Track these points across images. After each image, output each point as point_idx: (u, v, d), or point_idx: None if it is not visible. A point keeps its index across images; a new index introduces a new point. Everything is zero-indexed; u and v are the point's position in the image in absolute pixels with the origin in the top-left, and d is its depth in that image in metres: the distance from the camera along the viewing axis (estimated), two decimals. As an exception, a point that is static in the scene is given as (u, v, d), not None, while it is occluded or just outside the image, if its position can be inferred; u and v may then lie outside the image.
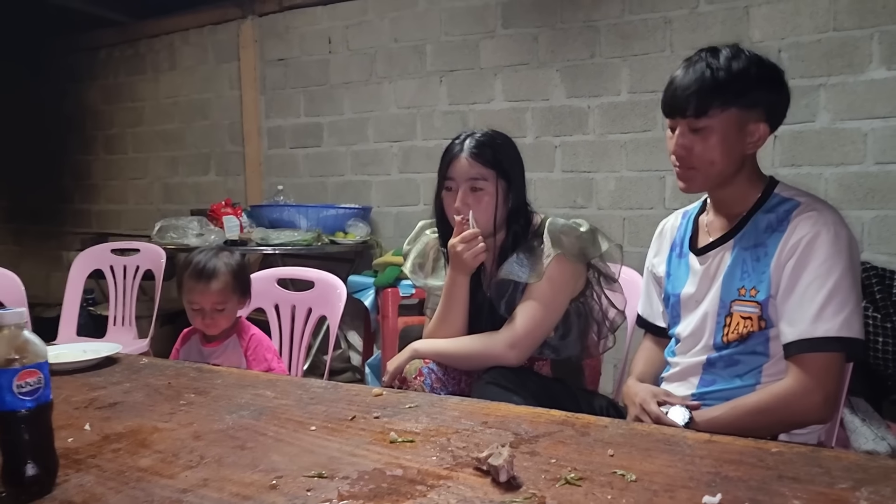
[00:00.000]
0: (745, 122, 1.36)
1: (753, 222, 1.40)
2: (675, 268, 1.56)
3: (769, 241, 1.35)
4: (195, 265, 1.86)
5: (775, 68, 1.38)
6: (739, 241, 1.40)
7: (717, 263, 1.44)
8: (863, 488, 0.88)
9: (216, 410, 1.29)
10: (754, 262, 1.37)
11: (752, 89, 1.34)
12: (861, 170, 2.90)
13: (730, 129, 1.35)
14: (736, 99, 1.33)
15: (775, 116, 1.39)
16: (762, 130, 1.37)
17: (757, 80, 1.34)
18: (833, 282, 1.27)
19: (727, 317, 1.39)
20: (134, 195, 5.22)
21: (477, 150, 1.66)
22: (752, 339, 1.36)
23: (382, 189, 4.15)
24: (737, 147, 1.37)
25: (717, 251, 1.44)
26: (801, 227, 1.31)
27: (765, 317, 1.35)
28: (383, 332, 3.31)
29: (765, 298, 1.34)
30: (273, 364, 1.86)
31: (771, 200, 1.40)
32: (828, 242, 1.29)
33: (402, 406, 1.29)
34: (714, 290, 1.42)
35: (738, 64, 1.34)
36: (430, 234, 1.83)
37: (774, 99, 1.38)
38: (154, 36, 4.99)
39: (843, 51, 2.91)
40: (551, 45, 3.57)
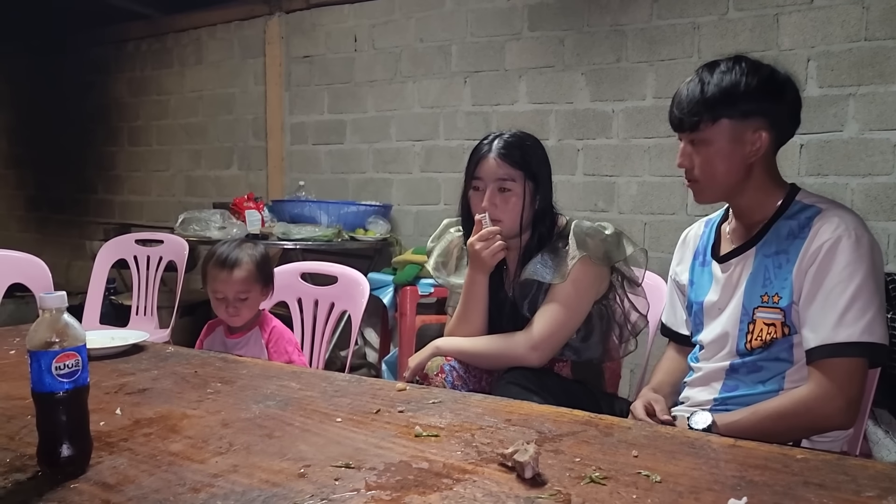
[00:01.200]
0: (741, 132, 1.37)
1: (775, 229, 1.40)
2: (699, 276, 1.56)
3: (791, 248, 1.36)
4: (219, 255, 1.88)
5: (773, 77, 1.39)
6: (761, 249, 1.41)
7: (739, 271, 1.44)
8: (889, 497, 0.87)
9: (243, 399, 1.31)
10: (776, 269, 1.37)
11: (742, 100, 1.36)
12: (889, 181, 2.88)
13: (724, 141, 1.38)
14: (725, 111, 1.36)
15: (780, 124, 1.40)
16: (763, 139, 1.38)
17: (748, 91, 1.36)
18: (855, 286, 1.27)
19: (750, 323, 1.39)
20: (157, 187, 5.27)
21: (505, 150, 1.67)
22: (775, 345, 1.36)
23: (403, 187, 4.16)
24: (735, 157, 1.39)
25: (739, 258, 1.45)
26: (822, 233, 1.32)
27: (788, 323, 1.35)
28: (401, 330, 3.33)
29: (788, 304, 1.34)
30: (294, 357, 1.88)
31: (792, 207, 1.41)
32: (849, 247, 1.29)
33: (426, 401, 1.30)
34: (737, 297, 1.42)
35: (731, 77, 1.37)
36: (454, 232, 1.84)
37: (773, 106, 1.39)
38: (181, 30, 5.04)
39: (874, 60, 2.89)
40: (577, 49, 3.57)
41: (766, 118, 1.38)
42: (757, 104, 1.37)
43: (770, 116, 1.38)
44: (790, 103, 1.41)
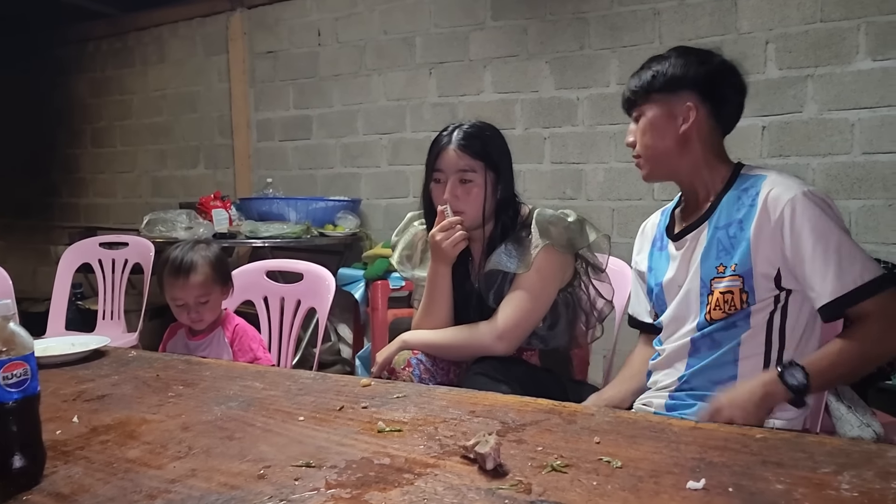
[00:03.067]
0: (671, 106, 1.46)
1: (724, 201, 1.45)
2: (657, 260, 1.59)
3: (743, 216, 1.39)
4: (173, 261, 1.85)
5: (702, 56, 1.47)
6: (713, 222, 1.45)
7: (693, 245, 1.48)
8: (845, 472, 0.89)
9: (204, 402, 1.29)
10: (730, 239, 1.40)
11: (670, 78, 1.45)
12: (848, 160, 2.92)
13: (655, 114, 1.47)
14: (655, 87, 1.47)
15: (712, 96, 1.46)
16: (693, 112, 1.45)
17: (676, 69, 1.45)
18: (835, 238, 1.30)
19: (709, 295, 1.41)
20: (122, 189, 5.19)
21: (465, 141, 1.66)
22: (734, 316, 1.38)
23: (372, 181, 4.14)
24: (668, 130, 1.46)
25: (692, 234, 1.49)
26: (774, 198, 1.35)
27: (747, 289, 1.36)
28: (373, 325, 3.31)
29: (747, 269, 1.36)
30: (259, 354, 1.86)
31: (740, 179, 1.46)
32: (808, 206, 1.32)
33: (391, 396, 1.29)
34: (693, 271, 1.45)
35: (666, 61, 1.48)
36: (418, 225, 1.83)
37: (701, 78, 1.45)
38: (142, 28, 4.96)
39: (830, 42, 2.92)
40: (540, 37, 3.57)
41: (694, 90, 1.45)
42: (683, 76, 1.45)
43: (699, 88, 1.45)
44: (720, 73, 1.47)
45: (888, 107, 2.83)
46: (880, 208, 2.87)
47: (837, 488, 0.84)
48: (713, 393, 1.39)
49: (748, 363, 1.38)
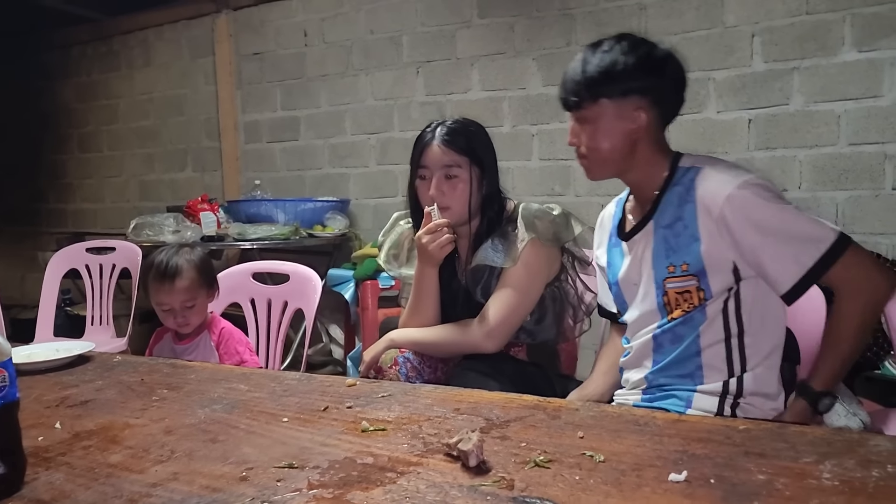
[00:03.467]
0: (621, 110, 1.40)
1: (666, 199, 1.42)
2: (613, 256, 1.58)
3: (685, 214, 1.37)
4: (157, 266, 1.84)
5: (651, 54, 1.40)
6: (657, 221, 1.43)
7: (643, 246, 1.46)
8: (826, 461, 0.89)
9: (189, 405, 1.28)
10: (676, 238, 1.38)
11: (620, 79, 1.39)
12: (835, 151, 2.93)
13: (604, 118, 1.40)
14: (603, 90, 1.39)
15: (661, 101, 1.42)
16: (643, 117, 1.40)
17: (626, 70, 1.38)
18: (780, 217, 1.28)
19: (664, 296, 1.41)
20: (110, 193, 5.17)
21: (449, 137, 1.66)
22: (693, 312, 1.38)
23: (360, 181, 4.13)
24: (617, 134, 1.41)
25: (640, 235, 1.47)
26: (709, 190, 1.33)
27: (703, 286, 1.36)
28: (363, 325, 3.31)
29: (700, 269, 1.36)
30: (245, 356, 1.86)
31: (677, 175, 1.43)
32: (745, 195, 1.30)
33: (376, 395, 1.29)
34: (646, 272, 1.44)
35: (609, 56, 1.39)
36: (404, 224, 1.83)
37: (652, 85, 1.40)
38: (127, 32, 4.94)
39: (815, 34, 2.93)
40: (527, 34, 3.57)
41: (645, 96, 1.40)
42: (634, 82, 1.39)
43: (650, 94, 1.40)
44: (671, 79, 1.43)
45: (874, 98, 2.84)
46: (867, 199, 2.88)
47: (818, 477, 0.84)
48: (683, 386, 1.39)
49: (710, 351, 1.38)
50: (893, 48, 2.80)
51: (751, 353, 1.37)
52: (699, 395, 1.40)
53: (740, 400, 1.38)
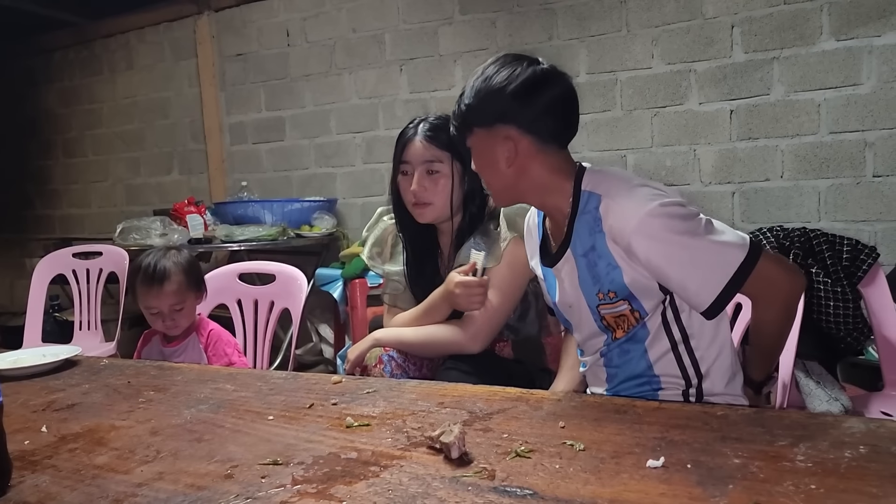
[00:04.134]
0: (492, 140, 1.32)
1: (577, 229, 1.35)
2: (545, 274, 1.50)
3: (596, 244, 1.31)
4: (145, 270, 1.84)
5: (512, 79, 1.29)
6: (574, 250, 1.36)
7: (568, 272, 1.39)
8: (801, 444, 0.90)
9: (175, 406, 1.29)
10: (594, 267, 1.33)
11: (486, 109, 1.30)
12: (816, 140, 2.95)
13: (480, 148, 1.36)
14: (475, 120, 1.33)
15: (535, 127, 1.31)
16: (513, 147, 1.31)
17: (490, 100, 1.30)
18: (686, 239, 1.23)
19: (602, 320, 1.36)
20: (96, 198, 5.15)
21: (432, 133, 1.67)
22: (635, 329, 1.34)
23: (347, 180, 4.14)
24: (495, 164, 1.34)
25: (563, 261, 1.39)
26: (613, 223, 1.26)
27: (636, 307, 1.32)
28: (353, 323, 3.30)
29: (627, 294, 1.31)
30: (234, 358, 1.86)
31: (581, 201, 1.34)
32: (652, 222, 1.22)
33: (361, 392, 1.30)
34: (579, 297, 1.38)
35: (478, 83, 1.32)
36: (387, 220, 1.84)
37: (519, 113, 1.29)
38: (109, 36, 4.92)
39: (794, 23, 2.96)
40: (509, 30, 3.58)
41: (513, 124, 1.30)
42: (499, 112, 1.30)
43: (518, 122, 1.30)
44: (544, 104, 1.30)
45: (853, 86, 2.87)
46: (848, 187, 2.91)
47: (793, 460, 0.86)
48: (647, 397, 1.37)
49: (662, 363, 1.34)
50: (870, 36, 2.83)
51: (701, 355, 1.33)
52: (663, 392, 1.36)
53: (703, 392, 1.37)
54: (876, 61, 2.83)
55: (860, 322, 1.81)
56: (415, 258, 1.74)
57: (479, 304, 1.54)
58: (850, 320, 1.71)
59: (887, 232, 2.85)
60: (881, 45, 2.82)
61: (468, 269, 1.55)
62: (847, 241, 1.89)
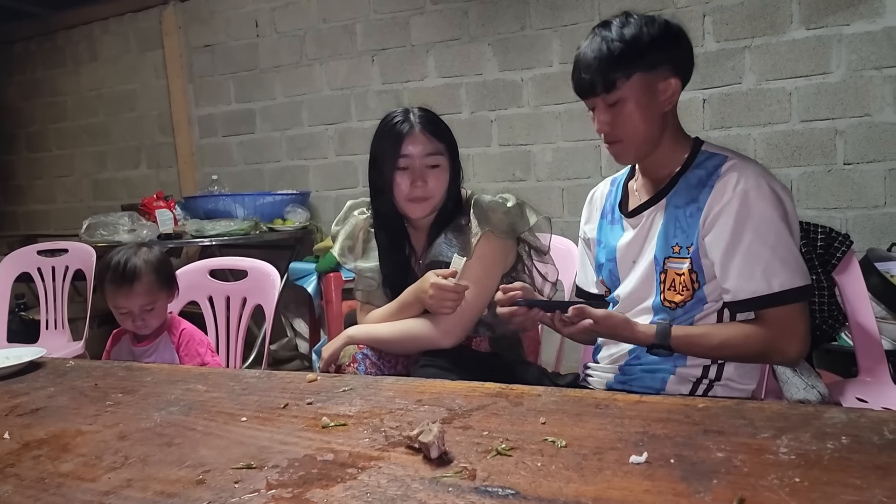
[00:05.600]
0: (654, 82, 1.37)
1: (685, 179, 1.41)
2: (607, 234, 1.56)
3: (700, 196, 1.37)
4: (114, 268, 1.78)
5: (667, 24, 1.39)
6: (672, 199, 1.41)
7: (649, 223, 1.44)
8: (783, 436, 0.90)
9: (144, 409, 1.25)
10: (688, 219, 1.38)
11: (649, 51, 1.35)
12: (787, 128, 2.97)
13: (641, 94, 1.36)
14: (636, 64, 1.34)
15: (683, 67, 1.40)
16: (674, 85, 1.38)
17: (651, 41, 1.35)
18: (774, 235, 1.29)
19: (662, 273, 1.40)
20: (62, 193, 5.03)
21: (431, 125, 1.62)
22: (689, 303, 1.38)
23: (320, 173, 4.08)
24: (653, 109, 1.38)
25: (649, 211, 1.45)
26: (730, 182, 1.32)
27: (695, 269, 1.36)
28: (328, 318, 3.27)
29: (695, 251, 1.36)
30: (207, 358, 1.82)
31: (699, 157, 1.41)
32: (761, 197, 1.30)
33: (337, 390, 1.27)
34: (649, 249, 1.43)
35: (630, 30, 1.35)
36: (357, 214, 1.79)
37: (675, 52, 1.39)
38: (72, 27, 4.80)
39: (764, 12, 2.97)
40: (481, 19, 3.55)
41: (671, 65, 1.37)
42: (662, 52, 1.36)
43: (674, 62, 1.38)
44: (686, 47, 1.41)
45: (823, 74, 2.89)
46: (820, 174, 2.93)
47: (776, 452, 0.85)
48: (663, 366, 1.40)
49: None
50: (839, 25, 2.85)
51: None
52: (675, 378, 1.41)
53: (715, 384, 1.40)
54: (845, 50, 2.85)
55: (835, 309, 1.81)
56: (389, 254, 1.70)
57: (449, 310, 1.52)
58: (826, 308, 1.71)
59: (858, 219, 2.88)
60: (850, 34, 2.83)
61: (448, 274, 1.52)
62: (821, 229, 1.88)
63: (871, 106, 2.82)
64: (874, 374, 1.86)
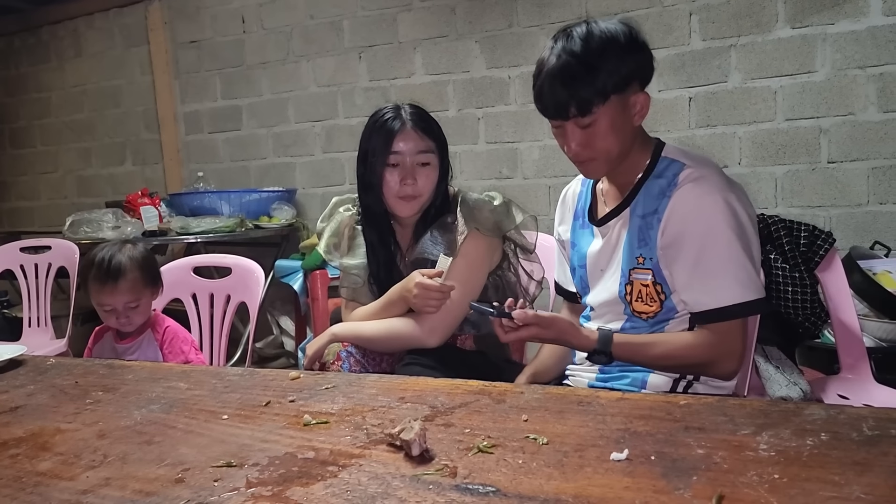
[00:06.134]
0: (626, 99, 1.33)
1: (646, 189, 1.39)
2: (579, 237, 1.55)
3: (659, 207, 1.35)
4: (99, 265, 1.76)
5: (630, 33, 1.33)
6: (634, 210, 1.40)
7: (616, 234, 1.43)
8: (763, 433, 0.90)
9: (124, 407, 1.24)
10: (649, 230, 1.37)
11: (620, 69, 1.29)
12: (772, 127, 2.99)
13: (615, 114, 1.32)
14: (610, 86, 1.29)
15: (646, 76, 1.37)
16: (642, 99, 1.36)
17: (621, 58, 1.30)
18: (725, 248, 1.28)
19: (627, 285, 1.40)
20: (46, 190, 4.98)
21: (423, 122, 1.61)
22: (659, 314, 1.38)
23: (307, 170, 4.07)
24: (627, 125, 1.35)
25: (614, 221, 1.44)
26: (685, 193, 1.31)
27: (658, 280, 1.36)
28: (314, 315, 3.25)
29: (655, 262, 1.36)
30: (191, 356, 1.80)
31: (659, 165, 1.39)
32: (714, 209, 1.29)
33: (319, 388, 1.26)
34: (616, 259, 1.43)
35: (597, 45, 1.28)
36: (343, 211, 1.79)
37: (643, 64, 1.35)
38: (56, 22, 4.75)
39: (750, 11, 2.98)
40: (469, 17, 3.55)
41: (639, 78, 1.35)
42: (633, 68, 1.32)
43: (641, 74, 1.35)
44: (649, 55, 1.37)
45: (807, 73, 2.91)
46: (804, 173, 2.95)
47: (756, 449, 0.85)
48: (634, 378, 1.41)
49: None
50: (824, 24, 2.86)
51: None
52: (655, 376, 1.42)
53: (696, 382, 1.40)
54: (830, 49, 2.86)
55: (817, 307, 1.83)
56: (376, 252, 1.70)
57: (433, 309, 1.52)
58: (808, 305, 1.72)
59: (842, 217, 2.90)
60: (835, 33, 2.85)
61: (433, 274, 1.52)
62: (804, 227, 1.89)
63: (854, 105, 2.84)
64: (856, 371, 1.88)
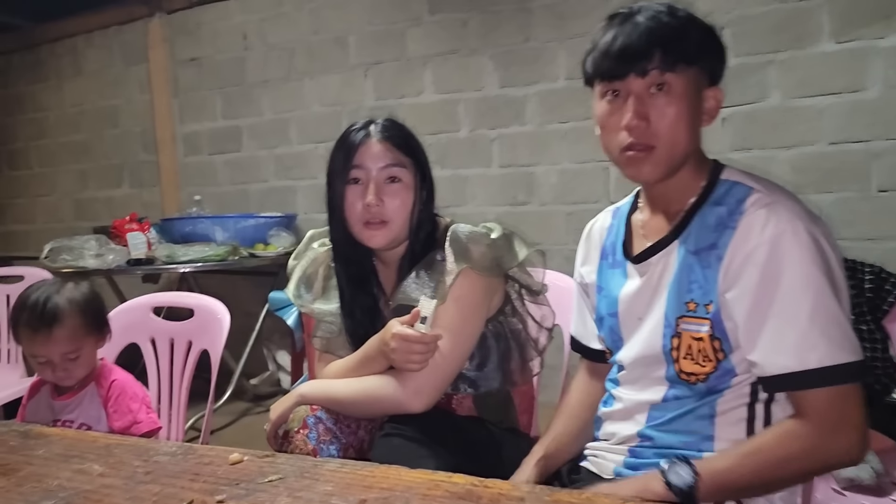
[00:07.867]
0: (704, 86, 1.09)
1: (700, 218, 1.09)
2: (608, 279, 1.24)
3: (720, 241, 1.05)
4: (31, 309, 1.47)
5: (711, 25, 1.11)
6: (685, 243, 1.10)
7: (658, 273, 1.13)
8: None
9: (11, 501, 0.96)
10: (705, 269, 1.06)
11: (707, 42, 1.08)
12: (816, 150, 2.69)
13: (694, 93, 1.07)
14: (699, 53, 1.06)
15: (719, 71, 1.12)
16: (718, 95, 1.11)
17: (707, 31, 1.09)
18: (812, 295, 0.97)
19: (674, 338, 1.08)
20: (42, 213, 4.81)
21: (389, 133, 1.36)
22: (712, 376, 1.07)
23: (309, 194, 3.82)
24: (698, 118, 1.09)
25: (657, 258, 1.13)
26: (756, 223, 1.01)
27: (718, 334, 1.05)
28: (308, 352, 2.98)
29: (716, 310, 1.05)
30: (140, 416, 1.51)
31: (718, 189, 1.09)
32: (797, 244, 0.98)
33: (262, 480, 0.97)
34: (658, 306, 1.11)
35: (683, 13, 1.07)
36: (318, 247, 1.50)
37: (718, 50, 1.11)
38: (55, 40, 4.61)
39: (791, 24, 2.70)
40: (482, 31, 3.31)
41: (716, 66, 1.11)
42: (715, 48, 1.10)
43: (718, 64, 1.11)
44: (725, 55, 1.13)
45: (856, 92, 2.61)
46: (854, 201, 2.64)
47: None
48: (686, 450, 1.09)
49: (729, 416, 1.06)
50: (875, 37, 2.57)
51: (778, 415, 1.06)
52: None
53: None
54: (882, 64, 2.57)
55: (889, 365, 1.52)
56: (352, 295, 1.41)
57: (417, 365, 1.22)
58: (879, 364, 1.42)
59: (895, 251, 2.58)
60: (887, 47, 2.56)
61: (411, 319, 1.23)
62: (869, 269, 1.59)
63: (911, 126, 2.53)
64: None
